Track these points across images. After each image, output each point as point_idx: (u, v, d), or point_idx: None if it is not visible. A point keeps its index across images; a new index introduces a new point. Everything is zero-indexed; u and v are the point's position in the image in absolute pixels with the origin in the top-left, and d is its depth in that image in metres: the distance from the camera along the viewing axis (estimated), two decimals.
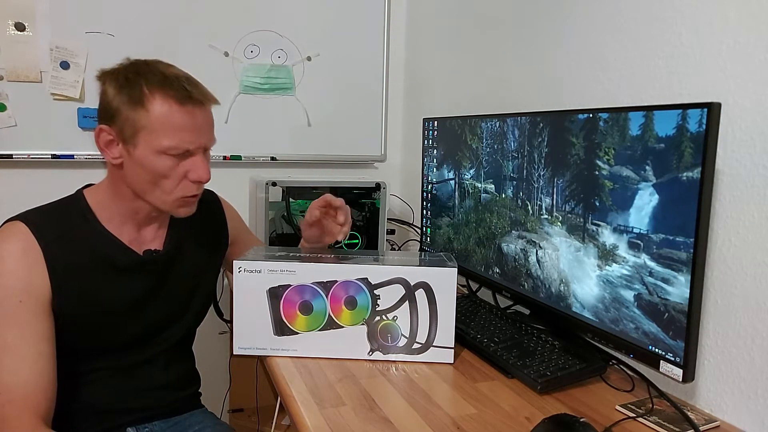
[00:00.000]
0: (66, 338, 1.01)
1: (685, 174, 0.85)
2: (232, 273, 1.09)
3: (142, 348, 1.12)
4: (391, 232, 1.89)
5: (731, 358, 0.93)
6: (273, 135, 2.01)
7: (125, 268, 1.07)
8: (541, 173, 1.14)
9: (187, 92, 0.98)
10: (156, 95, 0.97)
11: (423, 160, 1.58)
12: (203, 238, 1.21)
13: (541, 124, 1.14)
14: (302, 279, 1.08)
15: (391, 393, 0.97)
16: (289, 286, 1.08)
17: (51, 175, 1.79)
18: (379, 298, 1.08)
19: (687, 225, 0.85)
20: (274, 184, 1.65)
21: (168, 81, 0.98)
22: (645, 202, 0.92)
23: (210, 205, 1.26)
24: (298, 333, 1.09)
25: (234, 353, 1.11)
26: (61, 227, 1.02)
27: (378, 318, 1.08)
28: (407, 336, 1.08)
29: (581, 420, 0.80)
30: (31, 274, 0.97)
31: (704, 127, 0.82)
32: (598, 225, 1.01)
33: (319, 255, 1.15)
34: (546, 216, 1.13)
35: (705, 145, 0.82)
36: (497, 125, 1.27)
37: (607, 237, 0.99)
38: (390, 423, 0.88)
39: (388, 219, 1.76)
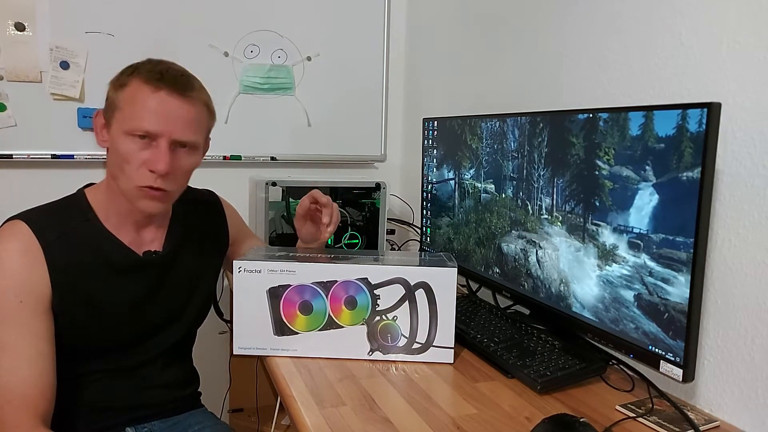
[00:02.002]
0: (65, 338, 1.01)
1: (685, 174, 0.85)
2: (232, 273, 1.09)
3: (142, 348, 1.12)
4: (391, 232, 1.89)
5: (731, 358, 0.93)
6: (273, 135, 2.01)
7: (125, 268, 1.07)
8: (541, 173, 1.14)
9: (161, 76, 0.99)
10: (136, 78, 0.99)
11: (423, 160, 1.58)
12: (203, 238, 1.21)
13: (541, 124, 1.14)
14: (302, 279, 1.08)
15: (391, 393, 0.97)
16: (289, 286, 1.08)
17: (51, 175, 1.79)
18: (379, 298, 1.08)
19: (687, 225, 0.85)
20: (274, 184, 1.65)
21: (154, 68, 1.00)
22: (645, 202, 0.92)
23: (210, 205, 1.26)
24: (298, 333, 1.09)
25: (234, 353, 1.11)
26: (62, 226, 1.02)
27: (378, 318, 1.08)
28: (407, 336, 1.08)
29: (581, 420, 0.80)
30: (31, 274, 0.97)
31: (704, 127, 0.82)
32: (598, 225, 1.01)
33: (319, 255, 1.15)
34: (546, 216, 1.13)
35: (705, 145, 0.82)
36: (497, 125, 1.27)
37: (607, 237, 0.99)
38: (390, 423, 0.88)
39: (388, 219, 1.76)
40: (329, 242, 1.35)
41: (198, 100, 1.02)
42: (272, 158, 2.02)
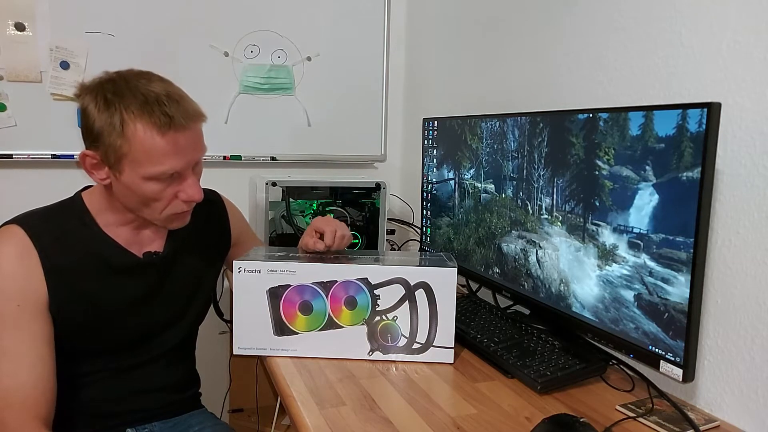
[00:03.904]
0: (65, 340, 1.01)
1: (685, 174, 0.85)
2: (232, 273, 1.09)
3: (142, 349, 1.12)
4: (391, 232, 1.88)
5: (731, 358, 0.93)
6: (273, 135, 2.01)
7: (124, 270, 1.07)
8: (541, 173, 1.14)
9: (169, 118, 0.93)
10: (137, 124, 0.92)
11: (423, 160, 1.58)
12: (205, 239, 1.21)
13: (541, 124, 1.14)
14: (302, 279, 1.08)
15: (391, 393, 0.97)
16: (289, 286, 1.08)
17: (51, 175, 1.79)
18: (379, 298, 1.08)
19: (687, 225, 0.85)
20: (274, 184, 1.65)
21: (148, 106, 0.93)
22: (645, 202, 0.92)
23: (213, 205, 1.26)
24: (298, 333, 1.09)
25: (234, 353, 1.11)
26: (58, 230, 1.02)
27: (378, 318, 1.08)
28: (407, 336, 1.08)
29: (581, 420, 0.80)
30: (28, 278, 0.97)
31: (704, 127, 0.82)
32: (598, 225, 1.01)
33: (319, 255, 1.15)
34: (546, 216, 1.13)
35: (705, 145, 0.82)
36: (497, 125, 1.27)
37: (607, 237, 0.99)
38: (390, 423, 0.88)
39: (388, 219, 1.76)
40: None
41: (195, 122, 0.99)
42: (272, 158, 2.02)
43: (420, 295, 1.07)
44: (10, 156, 1.72)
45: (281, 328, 1.09)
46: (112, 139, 0.93)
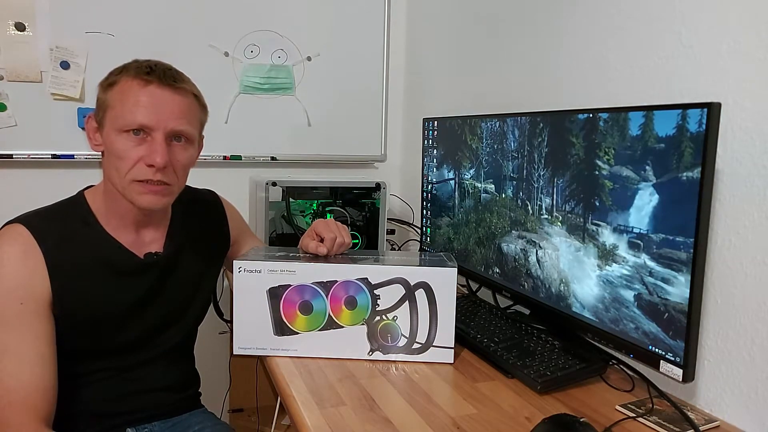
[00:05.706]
0: (66, 340, 1.01)
1: (685, 174, 0.85)
2: (232, 273, 1.09)
3: (143, 350, 1.12)
4: (391, 232, 1.88)
5: (731, 358, 0.93)
6: (273, 135, 2.01)
7: (126, 271, 1.07)
8: (541, 173, 1.14)
9: (149, 69, 0.99)
10: (124, 76, 0.99)
11: (423, 160, 1.58)
12: (204, 239, 1.21)
13: (541, 124, 1.14)
14: (302, 279, 1.08)
15: (391, 393, 0.97)
16: (289, 286, 1.08)
17: (51, 175, 1.79)
18: (379, 298, 1.08)
19: (687, 225, 0.85)
20: (274, 184, 1.65)
21: (142, 64, 1.00)
22: (645, 202, 0.92)
23: (211, 205, 1.26)
24: (298, 333, 1.09)
25: (234, 353, 1.11)
26: (62, 230, 1.02)
27: (378, 318, 1.08)
28: (407, 336, 1.08)
29: (581, 420, 0.80)
30: (31, 277, 0.97)
31: (704, 127, 0.82)
32: (598, 225, 1.01)
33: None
34: (546, 216, 1.13)
35: (705, 145, 0.82)
36: (497, 125, 1.27)
37: (607, 237, 0.99)
38: (390, 423, 0.88)
39: (388, 219, 1.76)
40: None
41: (188, 91, 1.03)
42: (272, 158, 2.02)
43: (420, 295, 1.07)
44: (10, 156, 1.72)
45: (281, 328, 1.09)
46: (102, 94, 1.01)
